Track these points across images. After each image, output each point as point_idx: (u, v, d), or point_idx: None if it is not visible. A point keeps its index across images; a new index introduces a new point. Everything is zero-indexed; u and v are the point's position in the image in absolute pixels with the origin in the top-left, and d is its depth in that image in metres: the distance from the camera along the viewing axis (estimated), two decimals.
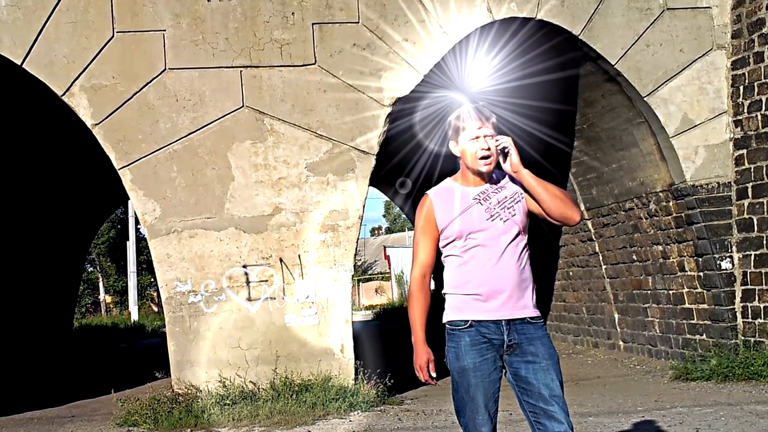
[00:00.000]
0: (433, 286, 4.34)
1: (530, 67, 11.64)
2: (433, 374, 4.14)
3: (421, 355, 4.14)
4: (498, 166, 4.17)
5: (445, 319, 4.19)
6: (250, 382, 9.50)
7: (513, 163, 4.12)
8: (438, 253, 4.22)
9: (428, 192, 4.27)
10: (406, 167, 18.12)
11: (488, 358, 4.06)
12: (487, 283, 4.06)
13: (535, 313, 4.13)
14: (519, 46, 11.11)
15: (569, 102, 12.10)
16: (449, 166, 4.96)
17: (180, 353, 9.67)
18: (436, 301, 4.10)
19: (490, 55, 11.44)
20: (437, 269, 4.16)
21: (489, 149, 4.10)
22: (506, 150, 4.12)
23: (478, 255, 4.08)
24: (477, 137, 4.11)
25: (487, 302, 4.06)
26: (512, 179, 4.20)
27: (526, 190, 4.15)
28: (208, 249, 9.75)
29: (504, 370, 4.11)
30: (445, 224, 4.14)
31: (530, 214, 4.19)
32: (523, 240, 4.15)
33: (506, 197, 4.16)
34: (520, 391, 4.07)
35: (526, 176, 4.12)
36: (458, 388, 4.09)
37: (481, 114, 4.16)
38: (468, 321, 4.08)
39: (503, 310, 4.07)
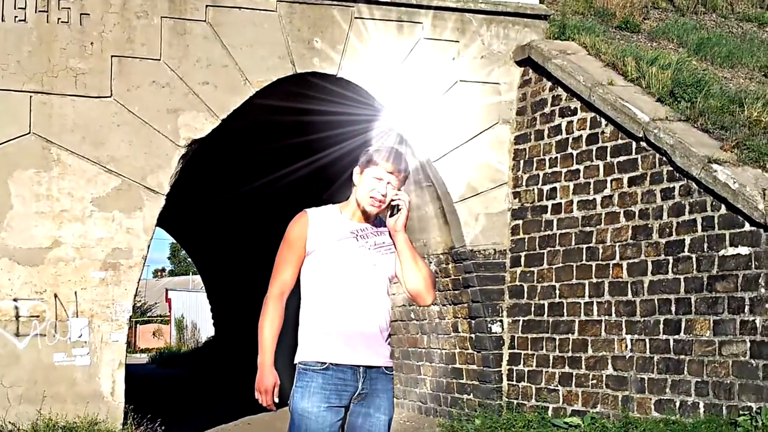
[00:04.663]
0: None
1: (331, 122, 11.88)
2: (276, 400, 3.91)
3: (268, 377, 3.88)
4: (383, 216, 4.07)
5: (298, 359, 3.95)
6: (10, 422, 8.97)
7: (397, 222, 3.99)
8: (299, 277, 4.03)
9: (307, 210, 4.05)
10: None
11: (335, 407, 3.88)
12: (351, 324, 3.89)
13: (391, 363, 4.05)
14: (321, 100, 11.32)
15: None
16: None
17: None
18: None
19: (291, 107, 11.58)
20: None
21: (384, 196, 3.96)
22: (399, 207, 4.00)
23: (343, 292, 3.91)
24: (380, 179, 3.96)
25: (347, 345, 3.89)
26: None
27: None
28: None
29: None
30: (315, 248, 3.96)
31: None
32: (387, 288, 4.03)
33: (384, 243, 4.04)
34: None
35: (402, 240, 4.01)
36: (295, 431, 3.88)
37: (399, 162, 4.02)
38: (325, 363, 3.88)
39: (364, 356, 3.92)
